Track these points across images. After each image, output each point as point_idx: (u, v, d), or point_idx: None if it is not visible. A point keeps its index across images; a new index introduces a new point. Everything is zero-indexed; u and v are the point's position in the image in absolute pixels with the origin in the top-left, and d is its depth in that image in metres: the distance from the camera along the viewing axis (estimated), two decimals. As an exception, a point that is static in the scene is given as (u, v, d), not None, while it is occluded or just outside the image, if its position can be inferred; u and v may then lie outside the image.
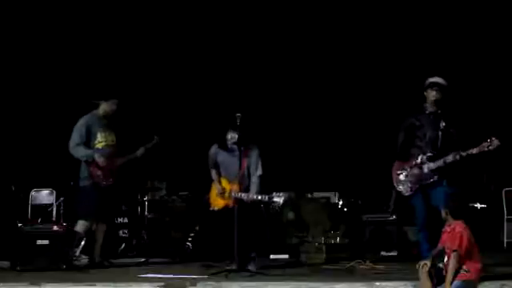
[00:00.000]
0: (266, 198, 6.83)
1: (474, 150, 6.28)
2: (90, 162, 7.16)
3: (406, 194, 6.76)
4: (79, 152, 7.17)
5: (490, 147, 6.20)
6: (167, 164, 9.55)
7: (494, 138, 6.19)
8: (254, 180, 7.09)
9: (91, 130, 7.22)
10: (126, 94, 9.22)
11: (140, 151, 7.46)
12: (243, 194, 6.93)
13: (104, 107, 7.35)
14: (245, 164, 7.07)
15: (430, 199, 6.59)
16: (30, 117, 9.68)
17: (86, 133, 7.20)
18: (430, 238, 6.48)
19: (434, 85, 6.68)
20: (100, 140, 7.24)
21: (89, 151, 7.17)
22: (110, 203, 7.36)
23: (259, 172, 7.11)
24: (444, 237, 5.49)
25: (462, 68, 9.39)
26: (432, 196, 6.57)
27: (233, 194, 6.93)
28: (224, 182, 7.25)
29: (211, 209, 7.49)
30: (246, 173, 7.11)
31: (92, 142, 7.22)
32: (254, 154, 7.15)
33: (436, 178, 6.54)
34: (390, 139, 6.98)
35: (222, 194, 7.14)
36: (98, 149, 7.20)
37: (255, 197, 6.91)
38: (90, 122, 7.25)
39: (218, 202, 7.25)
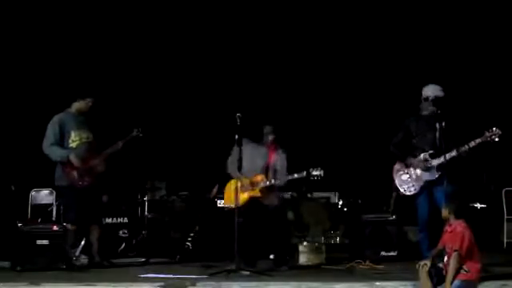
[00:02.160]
0: (304, 173, 6.76)
1: (478, 140, 6.29)
2: (65, 163, 7.06)
3: (410, 194, 6.75)
4: (53, 152, 7.07)
5: (493, 137, 6.21)
6: (167, 164, 9.55)
7: (495, 128, 6.21)
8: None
9: (64, 128, 7.11)
10: (124, 94, 9.27)
11: (115, 146, 7.25)
12: (274, 180, 6.89)
13: (77, 105, 7.24)
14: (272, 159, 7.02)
15: (433, 198, 6.59)
16: (30, 117, 9.66)
17: (60, 132, 7.10)
18: (430, 237, 6.50)
19: (432, 99, 6.66)
20: (74, 139, 7.12)
21: (63, 151, 7.06)
22: (93, 203, 7.20)
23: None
24: (445, 237, 5.49)
25: (461, 67, 9.40)
26: (435, 195, 6.57)
27: (263, 184, 6.86)
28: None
29: (226, 207, 7.34)
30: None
31: (66, 141, 7.11)
32: (284, 158, 7.14)
33: (439, 175, 6.54)
34: (390, 140, 6.99)
35: (252, 186, 6.96)
36: (72, 148, 7.10)
37: (290, 177, 6.86)
38: (64, 121, 7.14)
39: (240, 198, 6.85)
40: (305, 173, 6.78)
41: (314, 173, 6.75)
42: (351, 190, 9.76)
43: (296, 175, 6.85)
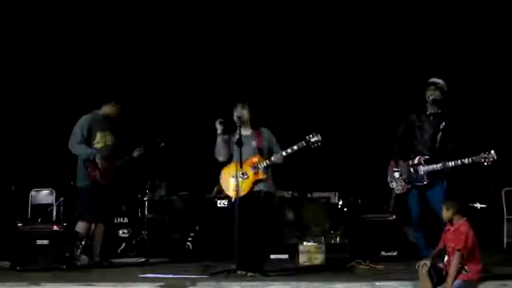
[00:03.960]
0: (303, 142, 6.49)
1: (474, 158, 6.35)
2: (89, 162, 7.17)
3: (397, 192, 6.84)
4: (81, 150, 7.18)
5: (487, 160, 6.26)
6: (167, 164, 9.55)
7: (492, 152, 6.25)
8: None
9: (92, 129, 7.25)
10: (127, 95, 9.26)
11: (136, 152, 7.47)
12: (273, 158, 6.57)
13: (107, 109, 7.39)
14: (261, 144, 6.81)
15: (427, 200, 6.61)
16: (30, 117, 9.68)
17: (88, 132, 7.22)
18: (427, 237, 6.52)
19: (430, 84, 6.73)
20: (99, 140, 7.26)
21: (90, 150, 7.19)
22: (108, 204, 7.34)
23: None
24: (447, 236, 5.49)
25: (464, 70, 9.39)
26: (429, 196, 6.59)
27: (264, 163, 6.54)
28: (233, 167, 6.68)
29: (230, 201, 7.00)
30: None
31: (91, 141, 7.24)
32: (271, 135, 6.92)
33: (427, 181, 6.58)
34: (390, 139, 7.00)
35: (253, 169, 6.59)
36: (96, 149, 7.23)
37: (289, 150, 6.55)
38: (92, 122, 7.28)
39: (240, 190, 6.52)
40: (304, 142, 6.51)
41: (313, 139, 6.49)
42: (351, 190, 9.75)
43: (295, 147, 6.57)
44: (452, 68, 9.17)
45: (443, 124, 6.62)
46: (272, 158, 6.62)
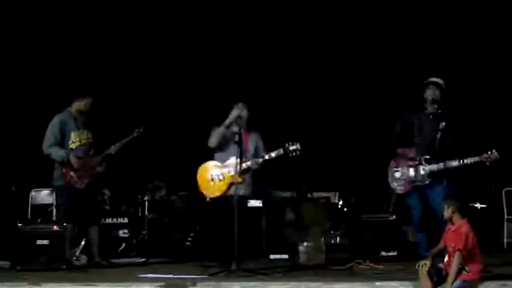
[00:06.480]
0: (281, 150, 6.56)
1: (476, 159, 6.36)
2: (64, 163, 7.09)
3: (399, 192, 6.83)
4: (54, 153, 7.10)
5: (489, 159, 6.28)
6: (167, 164, 9.55)
7: (494, 151, 6.27)
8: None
9: (65, 129, 7.15)
10: (124, 93, 9.26)
11: (114, 147, 7.24)
12: (249, 162, 6.67)
13: (77, 105, 7.25)
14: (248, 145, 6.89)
15: (428, 200, 6.62)
16: (30, 117, 9.66)
17: (60, 132, 7.13)
18: (428, 237, 6.52)
19: (429, 83, 6.73)
20: (74, 140, 7.15)
21: (63, 152, 7.09)
22: (90, 204, 7.24)
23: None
24: (447, 236, 5.48)
25: (463, 69, 9.39)
26: (430, 197, 6.59)
27: (240, 168, 6.57)
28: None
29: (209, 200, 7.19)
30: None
31: (66, 142, 7.14)
32: (259, 139, 7.03)
33: (429, 181, 6.58)
34: (390, 139, 6.99)
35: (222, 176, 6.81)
36: (72, 149, 7.13)
37: (267, 156, 6.68)
38: (64, 121, 7.17)
39: (214, 190, 6.90)
40: (282, 150, 6.60)
41: (291, 148, 6.53)
42: (351, 190, 9.75)
43: (273, 154, 6.69)
44: (451, 67, 9.17)
45: (443, 124, 6.62)
46: (248, 163, 6.72)
